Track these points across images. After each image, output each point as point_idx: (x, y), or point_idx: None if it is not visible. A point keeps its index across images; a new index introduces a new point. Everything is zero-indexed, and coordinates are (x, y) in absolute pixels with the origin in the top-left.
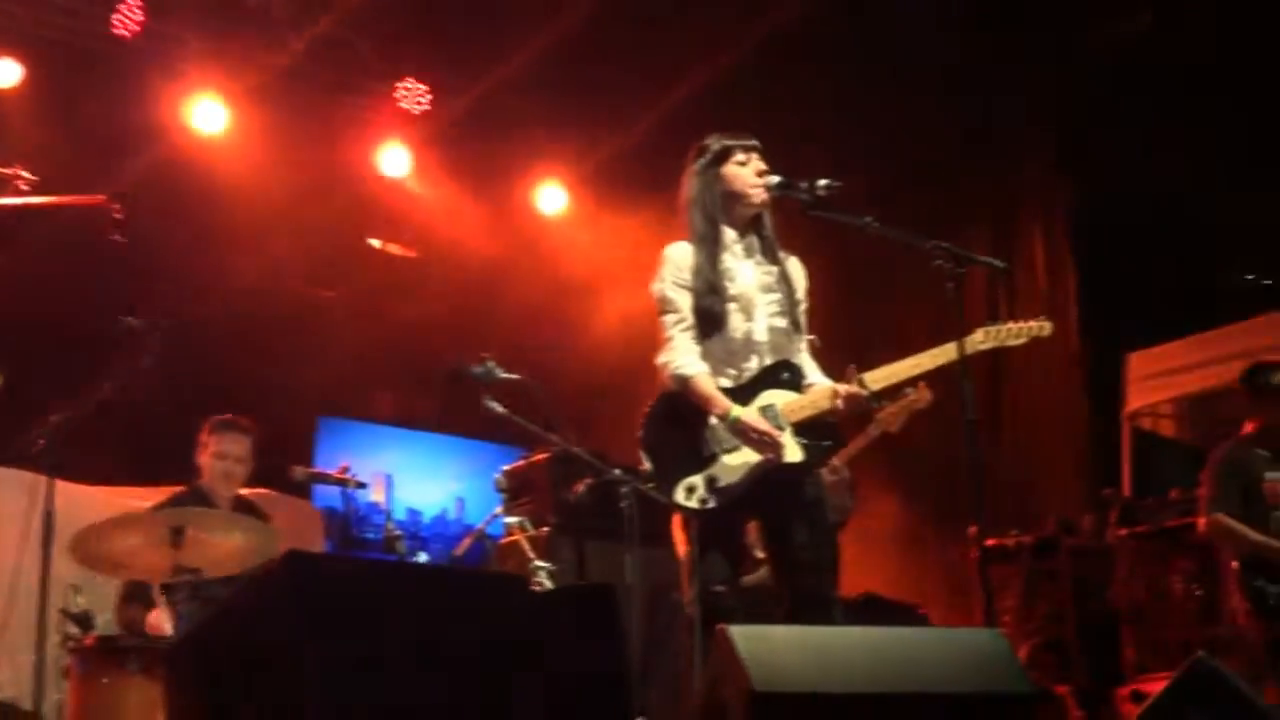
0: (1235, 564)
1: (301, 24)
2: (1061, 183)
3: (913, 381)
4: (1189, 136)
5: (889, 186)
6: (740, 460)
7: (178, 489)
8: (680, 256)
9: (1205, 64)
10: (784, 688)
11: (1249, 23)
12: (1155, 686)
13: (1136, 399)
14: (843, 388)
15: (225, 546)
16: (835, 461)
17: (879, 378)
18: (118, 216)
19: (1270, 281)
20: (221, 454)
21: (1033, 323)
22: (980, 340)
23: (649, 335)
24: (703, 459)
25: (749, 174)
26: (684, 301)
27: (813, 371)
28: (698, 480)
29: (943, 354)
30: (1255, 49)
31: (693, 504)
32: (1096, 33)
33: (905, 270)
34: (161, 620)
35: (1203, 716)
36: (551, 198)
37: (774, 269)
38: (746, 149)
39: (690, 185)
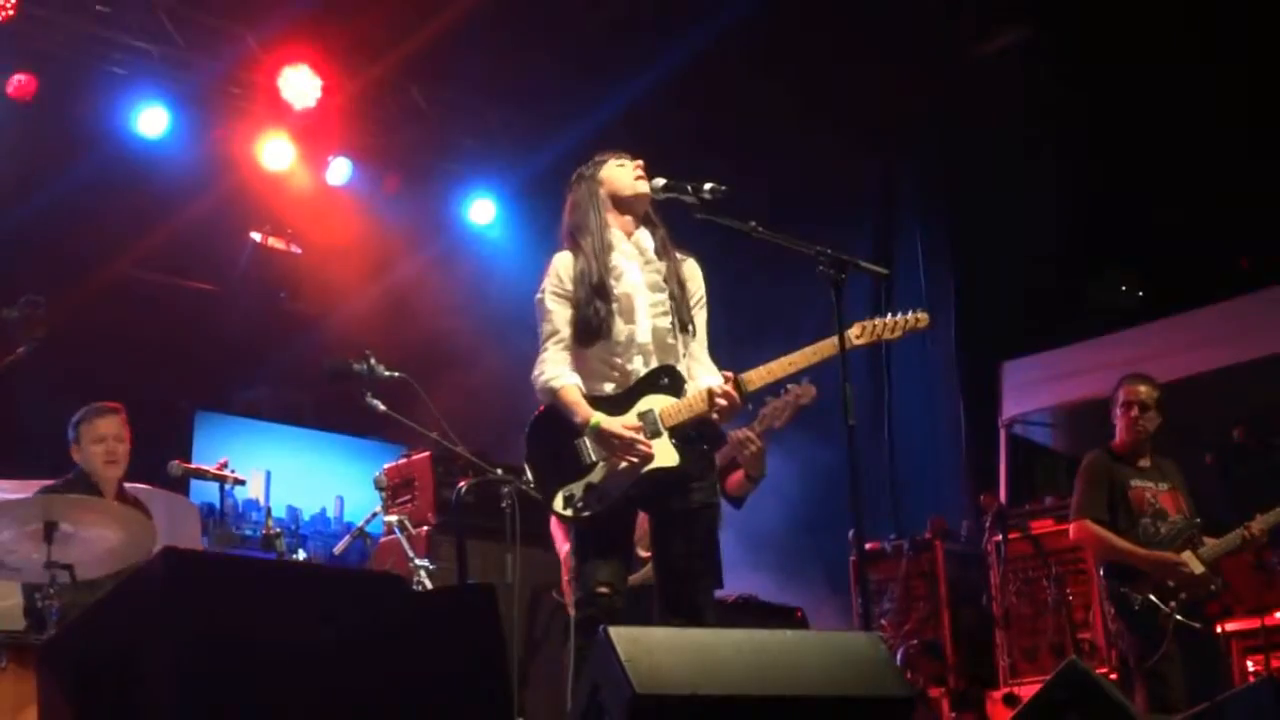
0: (1101, 570)
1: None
2: (941, 189)
3: (793, 379)
4: (1067, 145)
5: (768, 188)
6: (619, 466)
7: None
8: (562, 265)
9: (1084, 74)
10: (664, 690)
11: (1129, 33)
12: (1028, 690)
13: (1012, 406)
14: (718, 388)
15: (101, 543)
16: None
17: (756, 378)
18: None
19: (1143, 293)
20: (100, 436)
21: (910, 315)
22: (857, 335)
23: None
24: (583, 466)
25: (627, 173)
26: (560, 313)
27: (702, 373)
28: (576, 488)
29: (818, 351)
30: (1133, 58)
31: (569, 513)
32: (981, 41)
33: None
34: None
35: None
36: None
37: (663, 268)
38: (622, 157)
39: (572, 195)
